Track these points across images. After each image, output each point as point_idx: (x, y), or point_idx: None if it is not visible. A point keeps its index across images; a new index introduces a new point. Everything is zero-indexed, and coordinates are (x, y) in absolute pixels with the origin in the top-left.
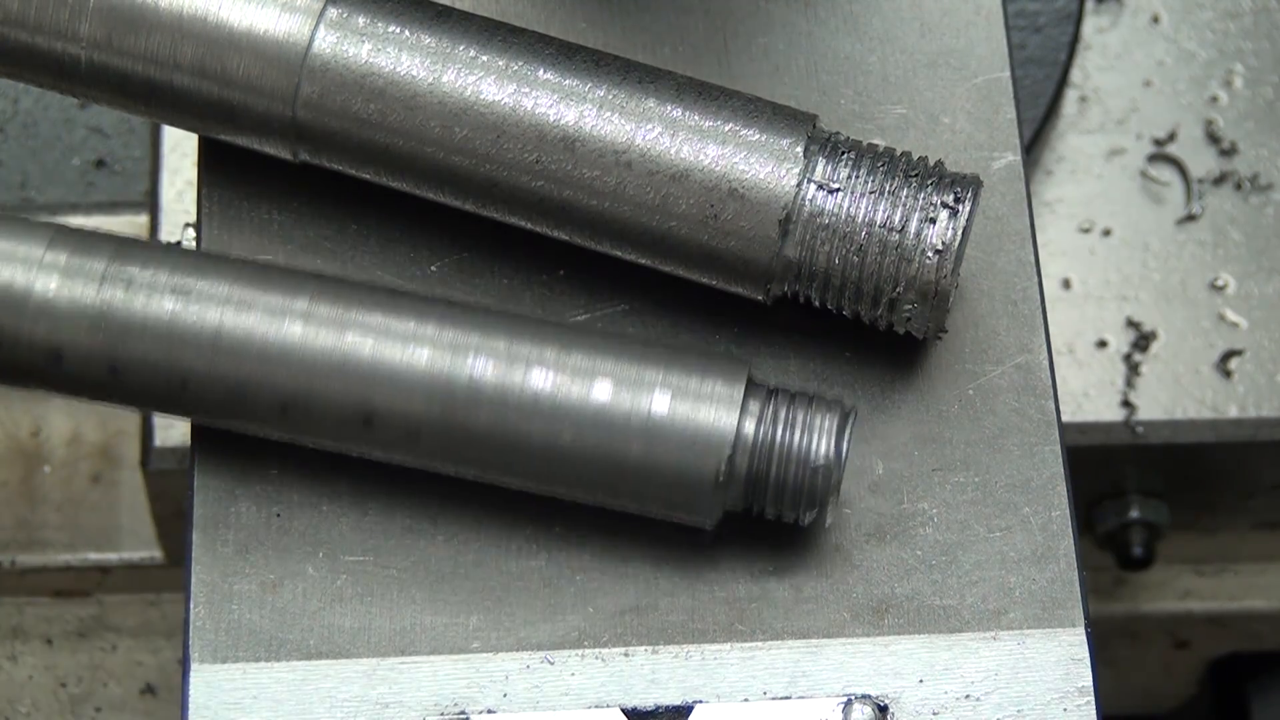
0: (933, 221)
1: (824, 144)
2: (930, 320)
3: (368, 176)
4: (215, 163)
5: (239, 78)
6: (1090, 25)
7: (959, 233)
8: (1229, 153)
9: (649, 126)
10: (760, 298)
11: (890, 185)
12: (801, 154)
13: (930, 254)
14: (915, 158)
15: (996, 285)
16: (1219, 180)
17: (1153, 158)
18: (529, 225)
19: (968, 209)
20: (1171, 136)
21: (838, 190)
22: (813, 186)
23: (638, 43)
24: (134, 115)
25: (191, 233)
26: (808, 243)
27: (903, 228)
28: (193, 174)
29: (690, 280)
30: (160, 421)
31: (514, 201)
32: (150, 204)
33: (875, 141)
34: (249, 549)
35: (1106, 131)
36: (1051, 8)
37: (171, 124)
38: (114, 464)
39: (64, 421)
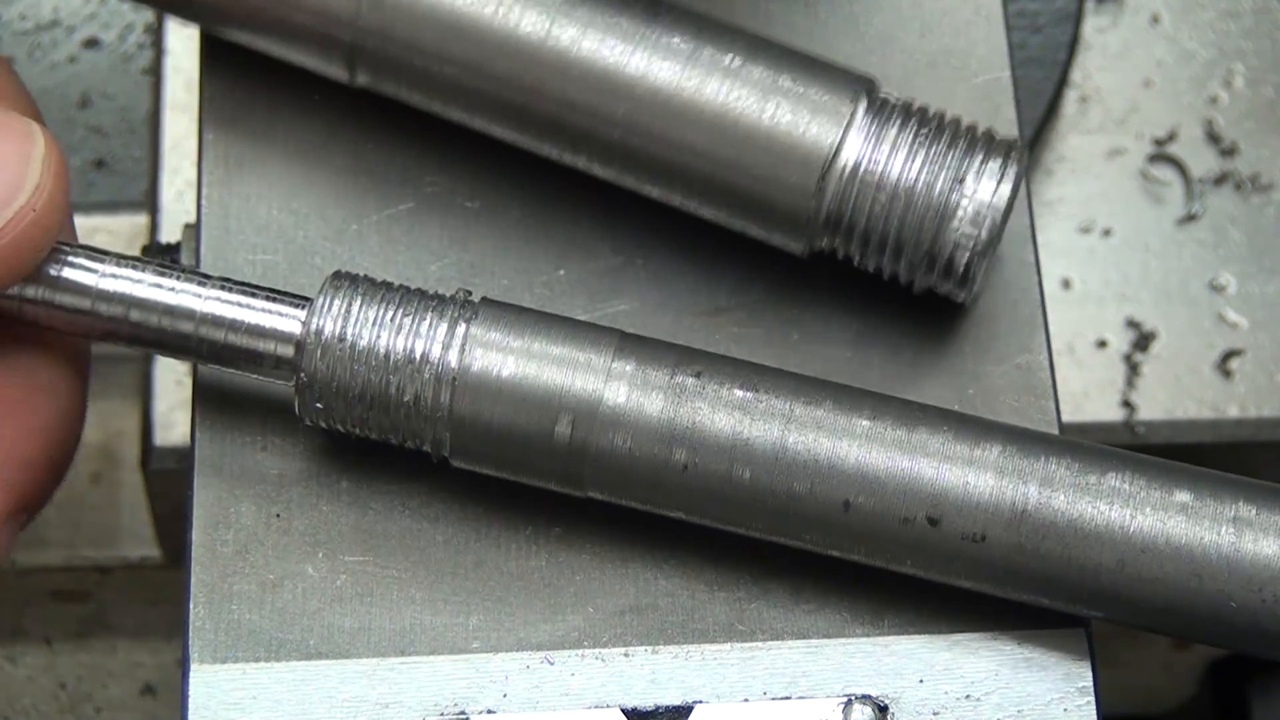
0: (978, 178)
1: (873, 102)
2: (967, 278)
3: (419, 103)
4: (216, 161)
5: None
6: (1090, 25)
7: (1006, 191)
8: (1229, 153)
9: (706, 72)
10: (799, 250)
11: (937, 144)
12: (849, 110)
13: (973, 209)
14: (964, 123)
15: (996, 285)
16: (1219, 180)
17: (1153, 158)
18: (584, 163)
19: (1014, 169)
20: (1171, 136)
21: (884, 144)
22: (860, 139)
23: None
24: (197, 23)
25: (191, 232)
26: (850, 195)
27: (947, 183)
28: (193, 174)
29: (722, 225)
30: (160, 421)
31: (569, 137)
32: (150, 204)
33: (925, 105)
34: (249, 549)
35: (1106, 131)
36: (1051, 8)
37: (237, 38)
38: (114, 464)
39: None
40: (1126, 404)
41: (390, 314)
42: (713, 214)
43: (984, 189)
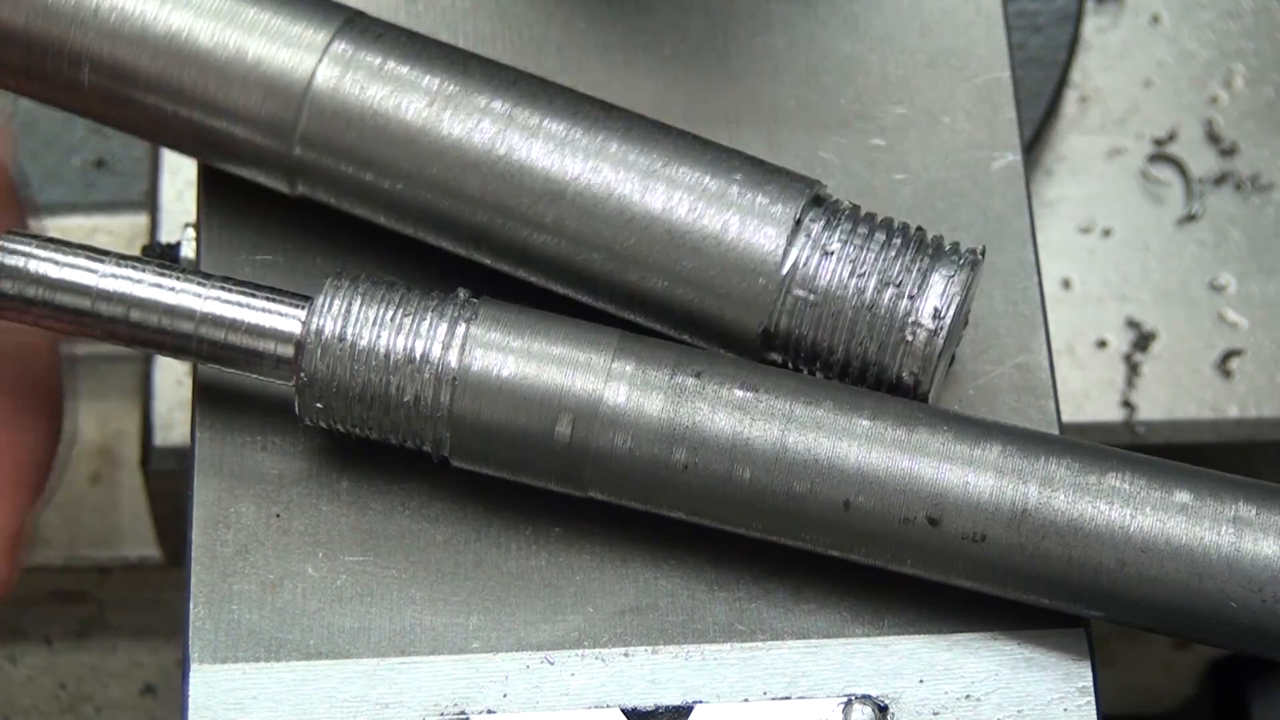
0: (927, 289)
1: (823, 210)
2: (919, 385)
3: (363, 214)
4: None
5: (240, 109)
6: (1090, 25)
7: (952, 301)
8: (1229, 153)
9: (648, 182)
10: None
11: (887, 254)
12: (794, 223)
13: (923, 324)
14: (914, 228)
15: (996, 285)
16: (1219, 180)
17: (1153, 158)
18: (522, 274)
19: (963, 279)
20: (1171, 136)
21: (831, 257)
22: (807, 256)
23: (638, 42)
24: (137, 138)
25: (191, 232)
26: (799, 313)
27: (898, 293)
28: (193, 174)
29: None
30: (160, 421)
31: (508, 251)
32: (150, 204)
33: (873, 212)
34: (249, 549)
35: (1106, 131)
36: (1051, 8)
37: (173, 149)
38: (114, 464)
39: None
40: (1126, 404)
41: (390, 314)
42: (662, 328)
43: (929, 307)
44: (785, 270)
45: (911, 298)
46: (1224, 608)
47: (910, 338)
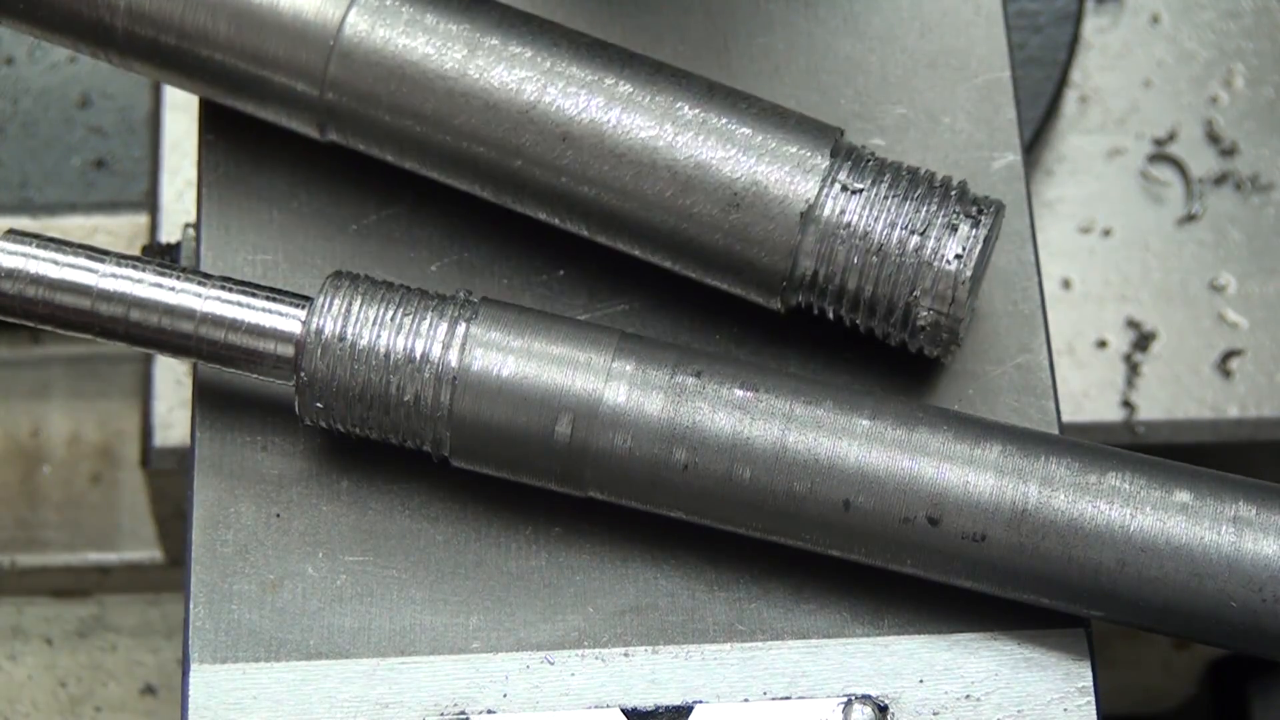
0: (953, 230)
1: (848, 154)
2: (944, 331)
3: (390, 159)
4: (214, 162)
5: (271, 55)
6: (1090, 25)
7: (978, 242)
8: (1229, 153)
9: (675, 126)
10: (776, 307)
11: (913, 195)
12: (823, 163)
13: (949, 261)
14: (940, 176)
15: (996, 285)
16: (1219, 180)
17: (1153, 158)
18: (550, 217)
19: (988, 222)
20: (1171, 136)
21: (859, 196)
22: (834, 193)
23: (638, 42)
24: (167, 83)
25: (191, 232)
26: (825, 251)
27: (923, 233)
28: (193, 174)
29: (702, 283)
30: (160, 421)
31: (536, 193)
32: (150, 204)
33: (899, 160)
34: (249, 549)
35: (1106, 131)
36: (1051, 8)
37: (206, 95)
38: (114, 464)
39: (64, 421)
40: (1126, 404)
41: (390, 313)
42: (688, 271)
43: (954, 248)
44: (814, 211)
45: (937, 238)
46: (1224, 607)
47: (935, 276)
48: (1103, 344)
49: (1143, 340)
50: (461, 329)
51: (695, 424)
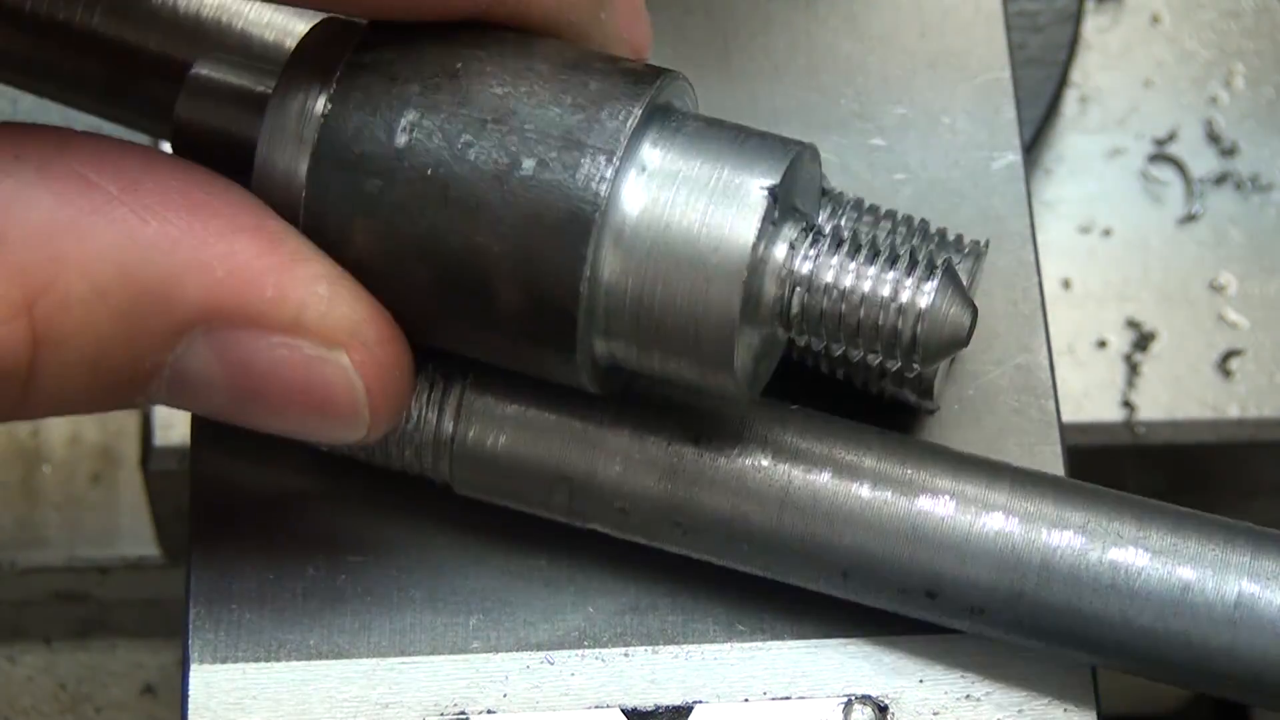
0: (930, 276)
1: (829, 200)
2: (920, 381)
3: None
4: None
5: None
6: (1090, 25)
7: (958, 287)
8: (1229, 153)
9: None
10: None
11: (892, 243)
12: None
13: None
14: (917, 220)
15: (996, 285)
16: (1219, 180)
17: (1153, 158)
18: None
19: (968, 268)
20: (1171, 136)
21: (842, 246)
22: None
23: None
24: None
25: None
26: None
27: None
28: None
29: None
30: (160, 421)
31: None
32: None
33: (877, 204)
34: (249, 549)
35: (1106, 131)
36: (1051, 8)
37: None
38: (114, 464)
39: (64, 422)
40: (1126, 404)
41: None
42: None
43: (931, 286)
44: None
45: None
46: (1226, 688)
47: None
48: (1103, 344)
49: (1143, 340)
50: (455, 397)
51: (691, 497)
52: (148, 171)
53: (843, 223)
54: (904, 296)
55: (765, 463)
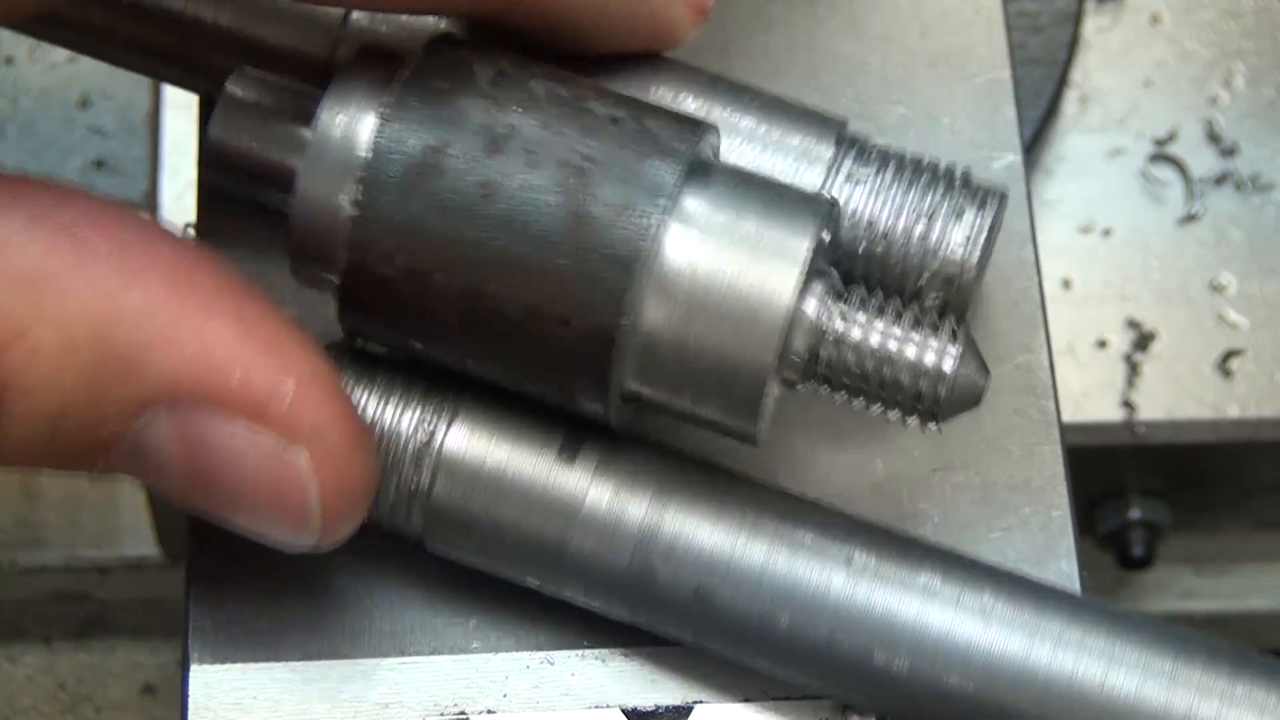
0: (958, 217)
1: (851, 144)
2: (955, 311)
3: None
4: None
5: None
6: (1090, 25)
7: (983, 230)
8: (1229, 152)
9: None
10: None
11: (917, 183)
12: (828, 153)
13: (953, 249)
14: (944, 164)
15: (996, 285)
16: (1219, 180)
17: (1153, 158)
18: None
19: (994, 208)
20: (1171, 136)
21: (864, 185)
22: (839, 183)
23: None
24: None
25: (191, 233)
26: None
27: (929, 219)
28: (193, 174)
29: None
30: None
31: None
32: (150, 204)
33: (902, 150)
34: (249, 549)
35: (1107, 131)
36: (1051, 8)
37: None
38: None
39: None
40: (1126, 404)
41: (371, 410)
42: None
43: (960, 235)
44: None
45: (943, 225)
46: None
47: (941, 261)
48: (1103, 344)
49: (1143, 340)
50: (434, 452)
51: (664, 581)
52: (139, 239)
53: (870, 168)
54: (929, 360)
55: (743, 539)
